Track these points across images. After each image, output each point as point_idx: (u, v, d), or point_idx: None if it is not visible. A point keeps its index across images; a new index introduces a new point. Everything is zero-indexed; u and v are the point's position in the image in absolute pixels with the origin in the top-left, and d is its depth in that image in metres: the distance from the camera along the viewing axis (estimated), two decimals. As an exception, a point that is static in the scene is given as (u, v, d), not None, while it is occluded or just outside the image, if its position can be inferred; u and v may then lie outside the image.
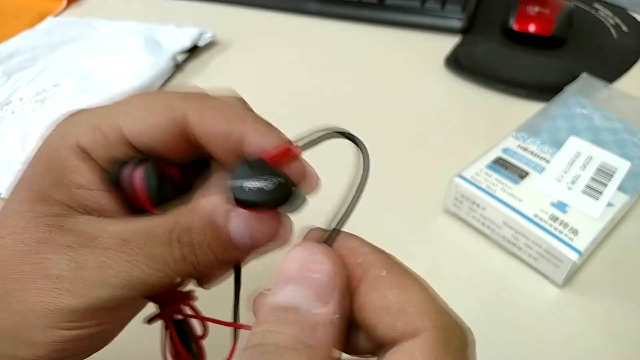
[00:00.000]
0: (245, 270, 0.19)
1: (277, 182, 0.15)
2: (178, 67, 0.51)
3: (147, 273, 0.16)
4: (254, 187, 0.15)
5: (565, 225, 0.31)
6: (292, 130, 0.18)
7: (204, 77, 0.51)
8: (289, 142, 0.17)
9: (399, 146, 0.42)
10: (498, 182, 0.33)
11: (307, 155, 0.17)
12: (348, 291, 0.15)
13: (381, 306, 0.14)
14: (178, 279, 0.17)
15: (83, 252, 0.16)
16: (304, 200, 0.17)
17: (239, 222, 0.16)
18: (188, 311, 0.20)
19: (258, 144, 0.17)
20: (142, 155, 0.17)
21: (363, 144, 0.16)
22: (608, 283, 0.31)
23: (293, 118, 0.22)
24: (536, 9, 0.51)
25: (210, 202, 0.16)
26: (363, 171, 0.16)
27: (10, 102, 0.47)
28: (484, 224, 0.33)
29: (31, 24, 0.58)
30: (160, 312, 0.19)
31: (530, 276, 0.32)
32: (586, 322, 0.29)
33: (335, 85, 0.49)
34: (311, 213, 0.18)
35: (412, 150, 0.41)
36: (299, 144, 0.17)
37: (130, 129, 0.17)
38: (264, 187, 0.15)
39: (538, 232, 0.30)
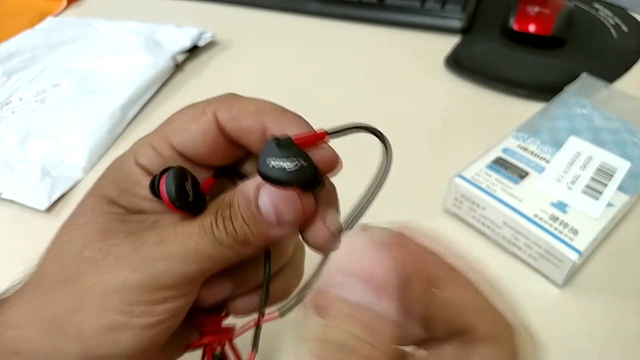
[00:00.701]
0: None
1: (299, 163, 0.16)
2: (178, 67, 0.51)
3: (199, 243, 0.17)
4: (278, 166, 0.16)
5: (565, 225, 0.31)
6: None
7: (204, 77, 0.51)
8: (312, 128, 0.18)
9: (398, 146, 0.41)
10: (498, 182, 0.33)
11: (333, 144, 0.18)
12: (406, 289, 0.15)
13: (439, 304, 0.15)
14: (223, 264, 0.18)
15: (143, 233, 0.18)
16: (322, 182, 0.18)
17: (266, 198, 0.18)
18: (227, 347, 0.22)
19: (278, 132, 0.18)
20: (177, 165, 0.19)
21: (387, 139, 0.18)
22: (608, 283, 0.31)
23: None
24: (536, 9, 0.51)
25: (247, 182, 0.18)
26: (385, 166, 0.17)
27: (10, 102, 0.47)
28: (484, 224, 0.33)
29: (31, 24, 0.58)
30: (198, 340, 0.21)
31: (530, 276, 0.32)
32: (586, 322, 0.29)
33: (335, 85, 0.49)
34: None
35: (412, 150, 0.41)
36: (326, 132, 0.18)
37: (179, 141, 0.19)
38: (287, 167, 0.16)
39: (538, 232, 0.30)
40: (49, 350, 0.17)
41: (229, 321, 0.22)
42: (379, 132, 0.18)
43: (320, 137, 0.17)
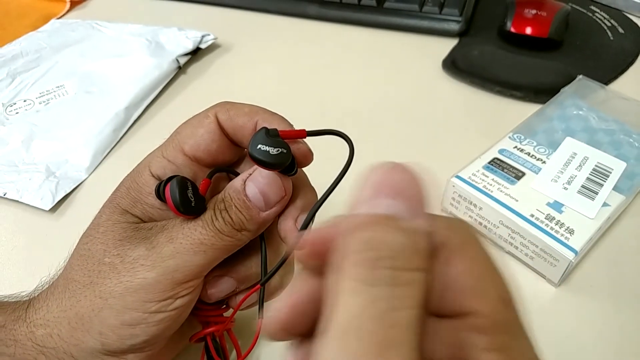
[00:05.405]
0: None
1: (281, 150, 0.20)
2: (181, 69, 0.52)
3: (203, 234, 0.20)
4: (264, 149, 0.19)
5: (562, 224, 0.31)
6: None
7: (206, 79, 0.51)
8: (293, 127, 0.22)
9: (397, 148, 0.42)
10: (495, 183, 0.34)
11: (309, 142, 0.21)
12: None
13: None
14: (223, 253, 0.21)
15: (155, 237, 0.20)
16: (296, 170, 0.22)
17: (252, 186, 0.21)
18: (225, 334, 0.26)
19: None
20: (179, 175, 0.21)
21: (352, 144, 0.20)
22: (604, 282, 0.32)
23: (292, 119, 0.23)
24: (533, 11, 0.51)
25: (234, 179, 0.22)
26: (347, 161, 0.20)
27: (14, 104, 0.47)
28: (480, 224, 0.34)
29: (35, 26, 0.59)
30: (203, 330, 0.24)
31: (527, 275, 0.32)
32: (582, 321, 0.30)
33: (335, 88, 0.49)
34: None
35: (410, 152, 0.42)
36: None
37: (190, 146, 0.22)
38: (270, 151, 0.19)
39: (534, 231, 0.31)
40: (73, 346, 0.19)
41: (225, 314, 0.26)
42: (347, 137, 0.21)
43: (300, 134, 0.21)
